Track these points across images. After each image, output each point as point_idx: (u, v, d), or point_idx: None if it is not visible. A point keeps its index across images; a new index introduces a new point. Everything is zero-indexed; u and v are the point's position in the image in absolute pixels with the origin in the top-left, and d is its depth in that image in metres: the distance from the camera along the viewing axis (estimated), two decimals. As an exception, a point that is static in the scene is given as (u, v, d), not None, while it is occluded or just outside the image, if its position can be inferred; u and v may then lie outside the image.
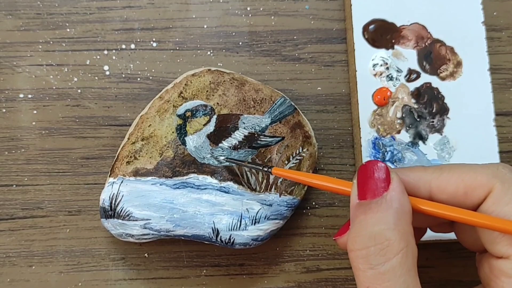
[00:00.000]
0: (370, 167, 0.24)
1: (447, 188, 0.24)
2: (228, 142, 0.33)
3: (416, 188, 0.25)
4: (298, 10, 0.38)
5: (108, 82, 0.37)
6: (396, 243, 0.22)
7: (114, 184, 0.32)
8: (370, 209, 0.23)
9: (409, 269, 0.22)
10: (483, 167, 0.24)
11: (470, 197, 0.24)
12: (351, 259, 0.23)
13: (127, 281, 0.35)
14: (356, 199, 0.24)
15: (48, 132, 0.36)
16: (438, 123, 0.35)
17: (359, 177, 0.24)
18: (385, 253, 0.22)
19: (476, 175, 0.23)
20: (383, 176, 0.23)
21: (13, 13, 0.37)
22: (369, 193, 0.23)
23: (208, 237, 0.33)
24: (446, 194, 0.24)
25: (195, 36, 0.37)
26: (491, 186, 0.23)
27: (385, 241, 0.22)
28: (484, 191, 0.23)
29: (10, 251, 0.35)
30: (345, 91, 0.37)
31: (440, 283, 0.36)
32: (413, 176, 0.25)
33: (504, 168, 0.24)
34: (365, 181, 0.24)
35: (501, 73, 0.37)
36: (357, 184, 0.24)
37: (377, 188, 0.23)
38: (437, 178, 0.24)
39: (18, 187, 0.36)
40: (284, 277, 0.36)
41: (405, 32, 0.36)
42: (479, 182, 0.23)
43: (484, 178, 0.23)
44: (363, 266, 0.22)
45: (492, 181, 0.23)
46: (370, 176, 0.24)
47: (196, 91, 0.33)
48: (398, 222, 0.22)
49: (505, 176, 0.23)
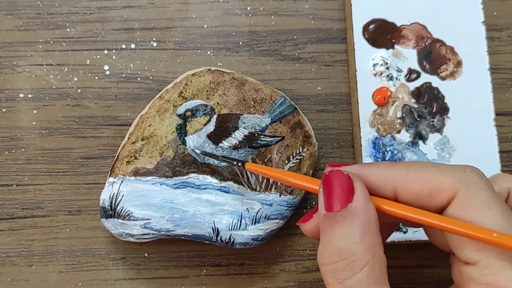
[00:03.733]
0: (332, 177, 0.24)
1: (412, 188, 0.23)
2: (228, 142, 0.33)
3: (381, 186, 0.24)
4: (298, 10, 0.38)
5: (108, 82, 0.37)
6: (362, 257, 0.22)
7: (114, 184, 0.32)
8: (336, 223, 0.23)
9: (377, 280, 0.22)
10: (450, 169, 0.23)
11: (435, 199, 0.23)
12: (321, 273, 0.23)
13: (127, 280, 0.35)
14: (323, 209, 0.23)
15: (48, 132, 0.36)
16: (438, 122, 0.35)
17: (324, 187, 0.24)
18: (352, 267, 0.22)
19: (442, 177, 0.23)
20: (346, 186, 0.23)
21: (13, 13, 0.37)
22: (334, 205, 0.23)
23: (208, 236, 0.33)
24: (411, 194, 0.23)
25: (195, 36, 0.37)
26: (456, 191, 0.22)
27: (351, 256, 0.22)
28: (449, 194, 0.23)
29: (10, 251, 0.35)
30: (345, 91, 0.37)
31: (440, 283, 0.36)
32: (379, 173, 0.24)
33: (471, 171, 0.23)
34: (330, 191, 0.23)
35: (501, 73, 0.37)
36: (322, 195, 0.24)
37: (341, 199, 0.23)
38: (403, 177, 0.24)
39: (18, 187, 0.36)
40: (284, 277, 0.36)
41: (405, 32, 0.36)
42: (444, 185, 0.23)
43: (449, 181, 0.22)
44: (332, 280, 0.23)
45: (457, 185, 0.22)
46: (333, 186, 0.23)
47: (196, 91, 0.34)
48: (364, 234, 0.22)
49: (471, 180, 0.22)
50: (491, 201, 0.22)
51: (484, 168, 0.35)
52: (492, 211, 0.21)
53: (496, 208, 0.21)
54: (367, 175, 0.24)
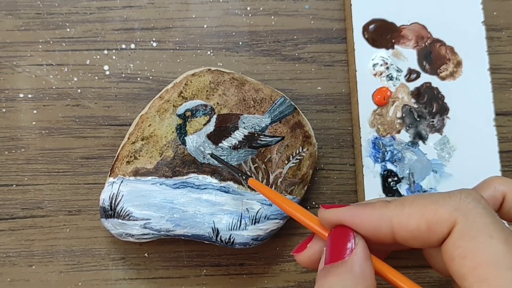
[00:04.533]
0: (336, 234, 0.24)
1: (409, 225, 0.22)
2: (228, 142, 0.33)
3: (378, 227, 0.23)
4: (298, 10, 0.38)
5: (108, 82, 0.37)
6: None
7: (114, 184, 0.32)
8: (330, 273, 0.22)
9: None
10: (445, 198, 0.22)
11: (434, 233, 0.22)
12: None
13: (127, 280, 0.35)
14: (323, 264, 0.23)
15: (48, 132, 0.36)
16: (438, 123, 0.35)
17: (327, 243, 0.24)
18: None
19: (437, 208, 0.22)
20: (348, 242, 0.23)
21: (13, 13, 0.37)
22: (334, 258, 0.23)
23: (208, 236, 0.33)
24: (408, 231, 0.23)
25: (195, 36, 0.37)
26: (454, 221, 0.21)
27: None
28: (447, 226, 0.22)
29: (10, 251, 0.35)
30: (345, 91, 0.37)
31: (440, 283, 0.36)
32: (374, 214, 0.24)
33: (467, 196, 0.22)
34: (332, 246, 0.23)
35: (501, 73, 0.37)
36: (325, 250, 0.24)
37: (340, 253, 0.23)
38: (398, 215, 0.23)
39: (18, 187, 0.36)
40: (284, 277, 0.36)
41: (405, 32, 0.36)
42: (441, 217, 0.22)
43: (445, 212, 0.21)
44: None
45: (454, 215, 0.21)
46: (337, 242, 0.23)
47: (196, 90, 0.33)
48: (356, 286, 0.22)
49: (468, 207, 0.21)
50: (491, 227, 0.21)
51: (484, 168, 0.35)
52: (493, 239, 0.20)
53: (497, 235, 0.20)
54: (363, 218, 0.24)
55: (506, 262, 0.20)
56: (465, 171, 0.35)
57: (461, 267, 0.21)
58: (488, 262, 0.20)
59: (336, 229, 0.24)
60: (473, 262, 0.20)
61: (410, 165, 0.35)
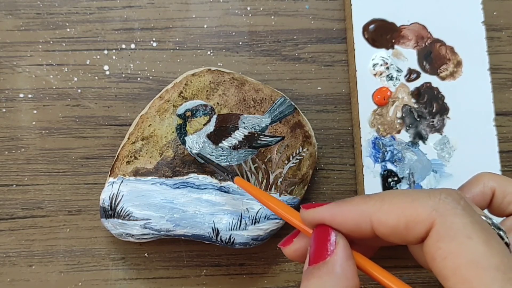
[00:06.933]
0: (317, 234, 0.24)
1: (388, 222, 0.22)
2: (228, 142, 0.33)
3: (358, 223, 0.23)
4: (298, 10, 0.38)
5: (108, 82, 0.37)
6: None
7: (114, 184, 0.32)
8: (312, 275, 0.22)
9: None
10: (424, 197, 0.22)
11: (412, 231, 0.22)
12: None
13: (127, 280, 0.35)
14: (307, 265, 0.23)
15: (48, 132, 0.36)
16: (438, 123, 0.35)
17: (310, 243, 0.24)
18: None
19: (416, 207, 0.22)
20: (328, 242, 0.23)
21: (13, 13, 0.37)
22: (315, 259, 0.23)
23: (208, 236, 0.33)
24: (387, 228, 0.22)
25: (195, 36, 0.37)
26: (432, 221, 0.21)
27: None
28: (425, 226, 0.21)
29: (10, 251, 0.35)
30: (345, 91, 0.37)
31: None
32: (354, 210, 0.23)
33: (447, 197, 0.22)
34: (314, 247, 0.23)
35: (501, 73, 0.37)
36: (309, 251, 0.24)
37: (321, 254, 0.23)
38: (377, 211, 0.23)
39: (18, 187, 0.36)
40: (284, 277, 0.36)
41: (405, 32, 0.36)
42: (419, 216, 0.21)
43: (424, 211, 0.21)
44: None
45: (432, 215, 0.21)
46: (318, 242, 0.23)
47: (196, 91, 0.34)
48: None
49: (446, 207, 0.21)
50: (470, 228, 0.20)
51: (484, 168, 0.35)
52: (472, 240, 0.20)
53: (475, 235, 0.20)
54: (342, 216, 0.24)
55: (486, 262, 0.20)
56: (465, 171, 0.34)
57: (442, 268, 0.21)
58: (468, 263, 0.20)
59: (318, 228, 0.24)
60: (454, 263, 0.20)
61: (410, 165, 0.35)
